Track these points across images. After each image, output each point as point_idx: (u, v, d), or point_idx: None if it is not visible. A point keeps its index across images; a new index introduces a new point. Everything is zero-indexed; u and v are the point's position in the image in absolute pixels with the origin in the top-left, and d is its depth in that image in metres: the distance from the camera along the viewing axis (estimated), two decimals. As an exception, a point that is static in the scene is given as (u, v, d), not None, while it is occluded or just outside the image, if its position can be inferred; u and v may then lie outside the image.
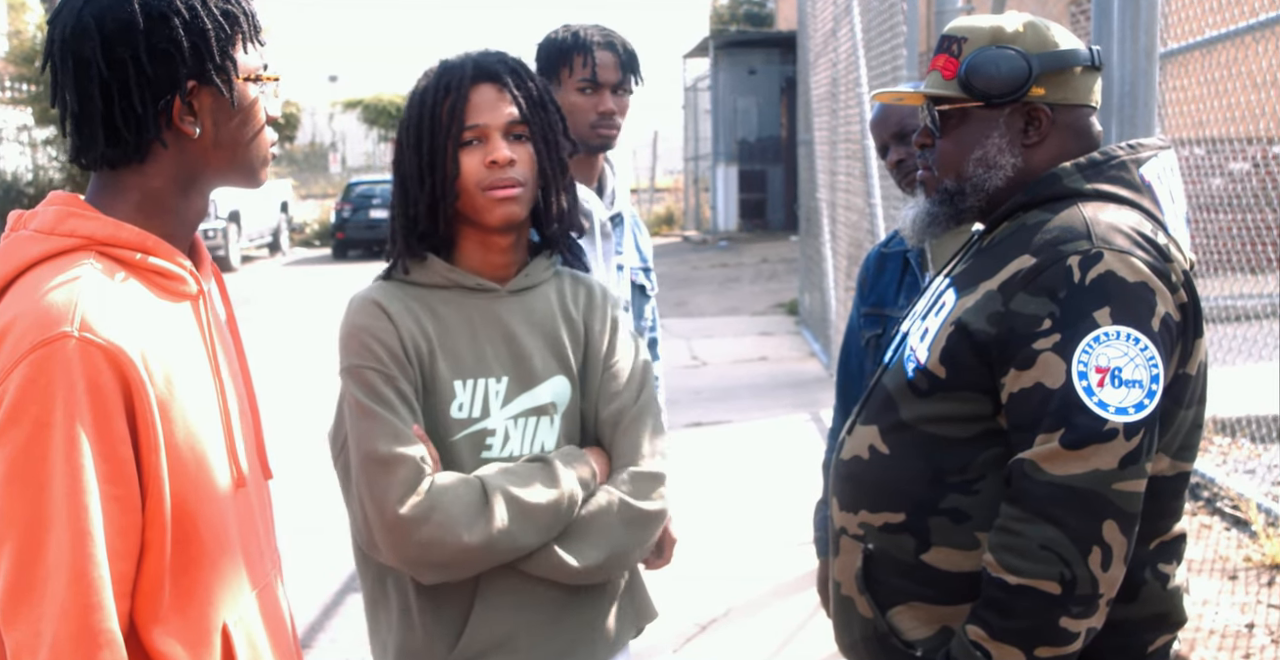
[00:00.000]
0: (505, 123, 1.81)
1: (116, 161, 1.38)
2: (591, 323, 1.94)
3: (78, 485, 1.23)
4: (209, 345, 1.43)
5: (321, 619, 4.39)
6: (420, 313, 1.84)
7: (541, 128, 1.84)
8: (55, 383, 1.23)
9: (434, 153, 1.81)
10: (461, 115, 1.81)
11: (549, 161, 1.85)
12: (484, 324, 1.87)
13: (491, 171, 1.80)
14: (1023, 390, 1.61)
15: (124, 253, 1.35)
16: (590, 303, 1.97)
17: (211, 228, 17.32)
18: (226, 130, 1.40)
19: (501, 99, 1.82)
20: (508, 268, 1.89)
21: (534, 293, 1.91)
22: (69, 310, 1.25)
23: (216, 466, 1.38)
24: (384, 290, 1.86)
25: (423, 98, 1.84)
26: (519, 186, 1.81)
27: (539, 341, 1.89)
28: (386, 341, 1.80)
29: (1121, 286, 1.60)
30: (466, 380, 1.84)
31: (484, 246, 1.87)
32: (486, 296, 1.88)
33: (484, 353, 1.86)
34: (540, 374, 1.88)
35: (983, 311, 1.65)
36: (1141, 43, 3.20)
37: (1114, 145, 1.78)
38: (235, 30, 1.39)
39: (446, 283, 1.87)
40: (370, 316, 1.82)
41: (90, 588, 1.22)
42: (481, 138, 1.82)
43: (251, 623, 1.41)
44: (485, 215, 1.82)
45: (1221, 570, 4.25)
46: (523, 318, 1.88)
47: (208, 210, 1.48)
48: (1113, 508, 1.56)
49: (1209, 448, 5.68)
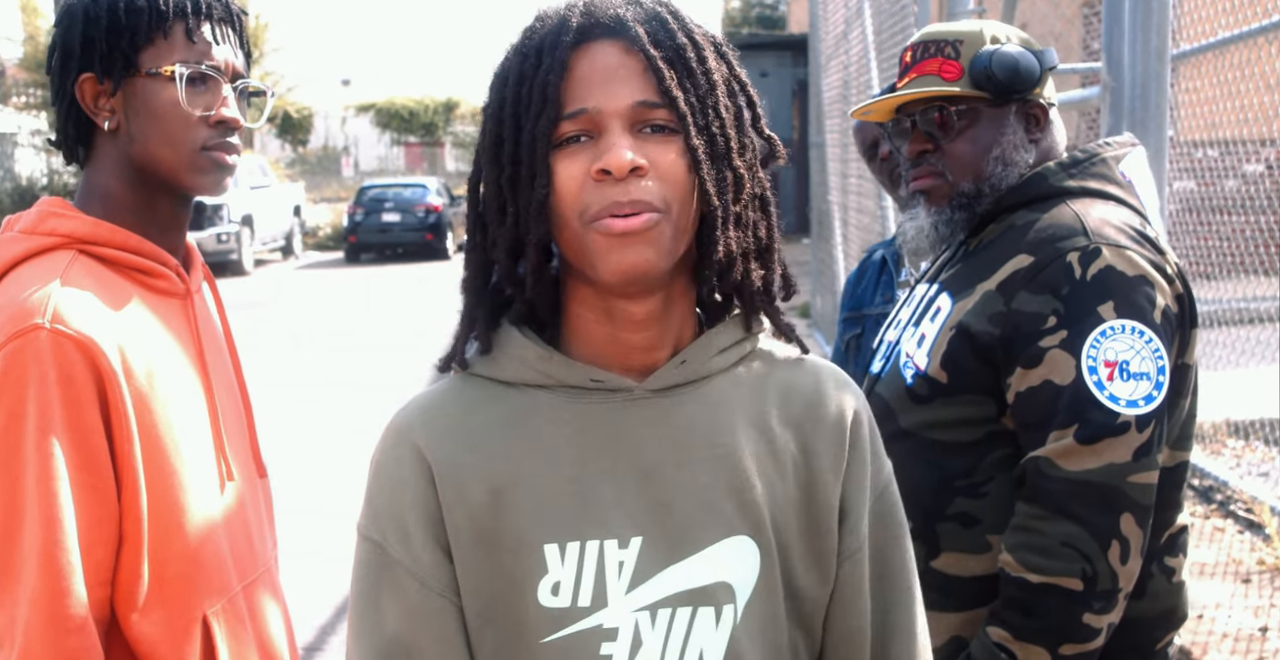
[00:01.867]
0: (630, 105, 1.06)
1: (71, 156, 1.45)
2: (814, 445, 1.16)
3: (48, 473, 1.25)
4: (196, 344, 1.44)
5: (334, 620, 4.39)
6: (496, 432, 1.12)
7: (701, 113, 1.08)
8: (28, 373, 1.25)
9: (516, 160, 1.09)
10: (556, 94, 1.07)
11: (713, 171, 1.09)
12: (602, 447, 1.12)
13: (602, 188, 1.05)
14: (1030, 389, 1.60)
15: (105, 250, 1.38)
16: (816, 409, 1.17)
17: (225, 231, 17.37)
18: (136, 126, 1.41)
19: (626, 65, 1.07)
20: (650, 350, 1.13)
21: (697, 392, 1.14)
22: (42, 304, 1.28)
23: (201, 462, 1.40)
24: (437, 405, 1.15)
25: (504, 73, 1.12)
26: (652, 213, 1.05)
27: (703, 477, 1.12)
28: (408, 508, 1.11)
29: (1122, 280, 1.60)
30: (567, 544, 1.10)
31: (606, 316, 1.12)
32: (611, 400, 1.13)
33: (600, 497, 1.11)
34: (700, 534, 1.12)
35: (983, 313, 1.65)
36: (1153, 44, 3.19)
37: (1093, 143, 1.80)
38: (139, 25, 1.39)
39: (541, 379, 1.13)
40: (394, 462, 1.13)
41: (59, 574, 1.24)
42: (590, 131, 1.07)
43: (234, 616, 1.42)
44: (595, 263, 1.06)
45: (1235, 573, 4.23)
46: (673, 436, 1.12)
47: (183, 213, 1.48)
48: (1128, 500, 1.56)
49: (1222, 450, 5.65)
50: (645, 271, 1.06)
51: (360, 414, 7.93)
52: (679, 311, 1.14)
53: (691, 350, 1.14)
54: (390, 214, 20.33)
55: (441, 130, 36.29)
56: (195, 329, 1.45)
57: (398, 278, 17.27)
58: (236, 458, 1.48)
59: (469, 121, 36.09)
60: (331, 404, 8.33)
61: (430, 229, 20.35)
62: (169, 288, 1.43)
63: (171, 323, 1.42)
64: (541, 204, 1.07)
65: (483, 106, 1.14)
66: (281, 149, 35.27)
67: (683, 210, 1.08)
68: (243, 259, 18.01)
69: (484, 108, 1.14)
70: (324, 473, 6.36)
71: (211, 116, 1.41)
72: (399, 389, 8.69)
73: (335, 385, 9.01)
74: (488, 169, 1.12)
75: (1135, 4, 3.20)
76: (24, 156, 20.26)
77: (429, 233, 20.33)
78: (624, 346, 1.13)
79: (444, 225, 20.49)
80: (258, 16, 27.43)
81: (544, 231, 1.08)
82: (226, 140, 1.43)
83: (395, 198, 20.64)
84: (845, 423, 1.18)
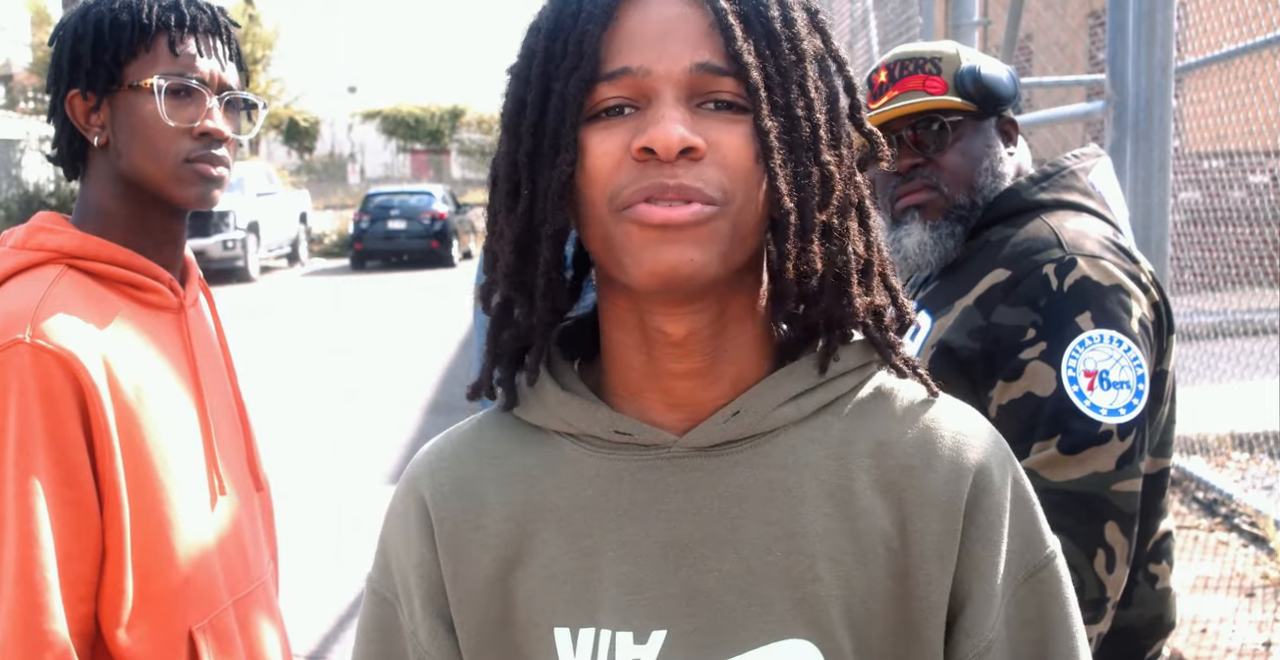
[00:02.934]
0: (687, 67, 0.83)
1: (71, 172, 1.46)
2: (914, 522, 0.89)
3: (26, 488, 1.25)
4: (189, 357, 1.45)
5: (336, 630, 4.39)
6: (511, 491, 0.93)
7: (781, 88, 0.85)
8: (8, 388, 1.26)
9: (538, 131, 0.86)
10: (596, 47, 0.84)
11: (790, 162, 0.85)
12: (627, 514, 0.90)
13: (643, 170, 0.82)
14: (1012, 401, 1.61)
15: (94, 265, 1.39)
16: (919, 473, 0.90)
17: (231, 238, 17.41)
18: (122, 140, 1.42)
19: (688, 18, 0.84)
20: (697, 385, 0.90)
21: (756, 451, 0.90)
22: (25, 319, 1.29)
23: (191, 476, 1.40)
24: (452, 452, 0.97)
25: (538, 23, 0.89)
26: (705, 205, 0.82)
27: (752, 561, 0.88)
28: (411, 570, 0.95)
29: (1098, 290, 1.61)
30: (580, 630, 0.90)
31: (641, 338, 0.90)
32: (643, 456, 0.91)
33: (618, 577, 0.89)
34: (742, 633, 0.88)
35: (963, 328, 1.67)
36: (1157, 58, 3.20)
37: (1060, 156, 1.82)
38: (122, 39, 1.40)
39: (564, 425, 0.93)
40: (402, 515, 0.97)
41: (34, 589, 1.24)
42: (635, 100, 0.84)
43: (223, 631, 1.42)
44: (624, 261, 0.84)
45: (1239, 587, 4.22)
46: (717, 507, 0.89)
47: (176, 226, 1.48)
48: (1112, 509, 1.57)
49: (1227, 463, 5.64)
50: (689, 275, 0.82)
51: (365, 423, 7.93)
52: (740, 340, 0.89)
53: (749, 398, 0.89)
54: (396, 221, 20.35)
55: (447, 138, 36.35)
56: (189, 342, 1.45)
57: (403, 285, 17.29)
58: (231, 471, 1.48)
59: (475, 129, 36.16)
60: (337, 412, 8.34)
61: (436, 236, 20.38)
62: (161, 302, 1.44)
63: (163, 337, 1.42)
64: (563, 184, 0.84)
65: (509, 67, 0.91)
66: (288, 156, 35.34)
67: (747, 207, 0.84)
68: (249, 266, 18.04)
69: (510, 68, 0.91)
70: (328, 481, 6.36)
71: (195, 128, 1.41)
72: (404, 397, 8.71)
73: (340, 393, 9.02)
74: (505, 140, 0.89)
75: (1139, 18, 3.20)
76: (31, 163, 20.30)
77: (434, 240, 20.36)
78: (664, 377, 0.89)
79: (449, 233, 20.52)
80: (276, 28, 27.51)
81: (562, 220, 0.85)
82: (212, 152, 1.42)
83: (401, 205, 20.67)
84: (960, 490, 0.88)
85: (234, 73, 1.47)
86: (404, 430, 7.71)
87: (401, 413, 8.20)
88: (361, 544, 2.06)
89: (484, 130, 35.97)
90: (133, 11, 1.40)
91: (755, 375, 0.90)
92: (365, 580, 1.00)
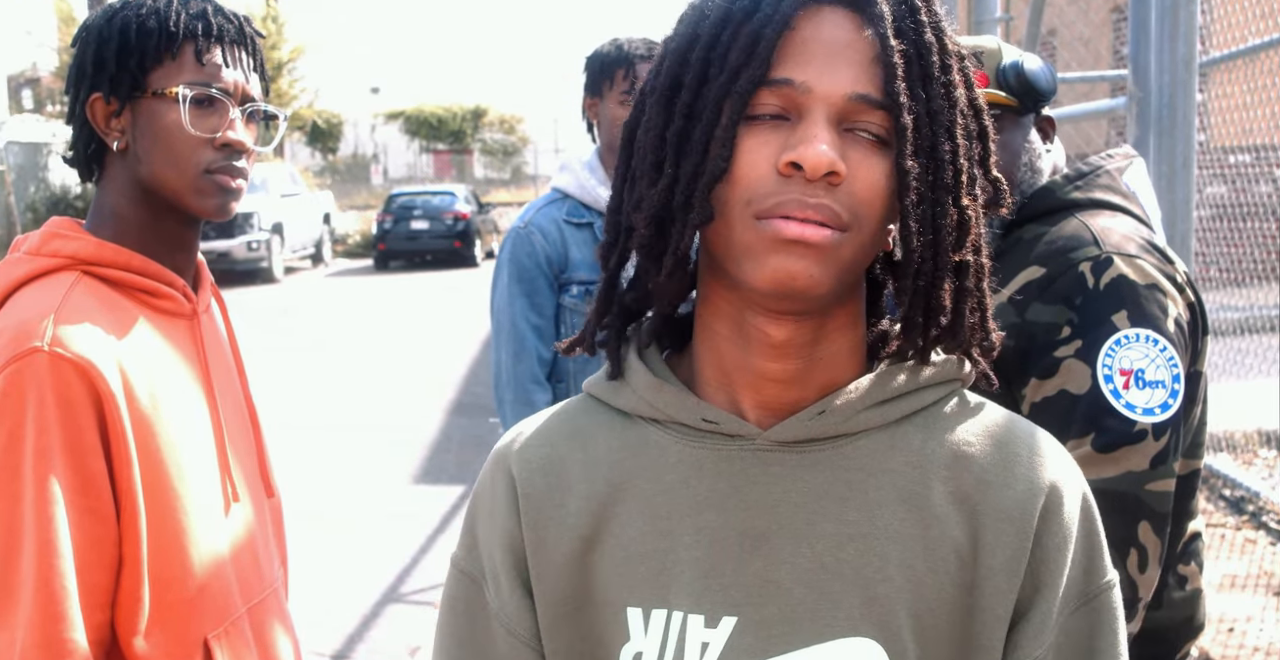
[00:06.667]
0: (845, 94, 0.86)
1: (86, 175, 1.46)
2: (986, 535, 0.90)
3: (46, 497, 1.25)
4: (202, 364, 1.45)
5: (360, 629, 4.41)
6: (595, 473, 0.97)
7: (929, 130, 0.88)
8: (27, 396, 1.26)
9: (691, 114, 0.89)
10: (769, 51, 0.86)
11: (928, 204, 0.88)
12: (707, 501, 0.93)
13: (787, 184, 0.85)
14: (1045, 399, 1.61)
15: (109, 271, 1.39)
16: (995, 488, 0.92)
17: (255, 239, 17.50)
18: (143, 146, 1.42)
19: (856, 46, 0.87)
20: (790, 386, 0.93)
21: (839, 451, 0.93)
22: (42, 327, 1.28)
23: (205, 483, 1.40)
24: (541, 432, 1.00)
25: (703, 8, 0.91)
26: (837, 231, 0.86)
27: (825, 557, 0.91)
28: (497, 544, 0.98)
29: (1135, 290, 1.61)
30: (652, 610, 0.92)
31: (739, 333, 0.92)
32: (728, 446, 0.94)
33: (693, 560, 0.92)
34: (810, 627, 0.90)
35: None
36: (1180, 53, 3.17)
37: (1095, 156, 1.81)
38: (149, 46, 1.40)
39: (653, 411, 0.96)
40: (490, 488, 1.00)
41: (54, 598, 1.24)
42: (789, 111, 0.87)
43: (237, 639, 1.43)
44: (745, 263, 0.87)
45: (1266, 586, 4.18)
46: (795, 501, 0.92)
47: (190, 234, 1.48)
48: (1146, 509, 1.56)
49: (1254, 461, 5.60)
50: (805, 289, 0.85)
51: (389, 422, 7.96)
52: (835, 348, 0.93)
53: (836, 399, 0.92)
54: (419, 221, 20.41)
55: (470, 138, 36.41)
56: (201, 349, 1.45)
57: (426, 285, 17.34)
58: (244, 478, 1.48)
59: (497, 129, 36.21)
60: (360, 412, 8.37)
61: (459, 236, 20.43)
62: (174, 308, 1.44)
63: (176, 343, 1.42)
64: (713, 182, 0.87)
65: (665, 39, 0.94)
66: (311, 157, 35.49)
67: (870, 236, 0.87)
68: (273, 266, 18.13)
69: (666, 40, 0.93)
70: (352, 480, 6.39)
71: (217, 139, 1.41)
72: (427, 397, 8.74)
73: (363, 393, 9.06)
74: (655, 113, 0.91)
75: (1162, 13, 3.18)
76: (58, 166, 20.46)
77: (457, 240, 20.41)
78: (758, 376, 0.92)
79: (472, 232, 20.57)
80: (298, 50, 27.62)
81: (709, 214, 0.88)
82: (232, 163, 1.42)
83: (424, 205, 20.73)
84: (1033, 509, 0.90)
85: (257, 83, 1.47)
86: (427, 430, 7.74)
87: (424, 412, 8.23)
88: (386, 542, 2.07)
89: (505, 130, 36.04)
90: (160, 18, 1.40)
91: (844, 380, 0.94)
92: (450, 560, 1.03)
